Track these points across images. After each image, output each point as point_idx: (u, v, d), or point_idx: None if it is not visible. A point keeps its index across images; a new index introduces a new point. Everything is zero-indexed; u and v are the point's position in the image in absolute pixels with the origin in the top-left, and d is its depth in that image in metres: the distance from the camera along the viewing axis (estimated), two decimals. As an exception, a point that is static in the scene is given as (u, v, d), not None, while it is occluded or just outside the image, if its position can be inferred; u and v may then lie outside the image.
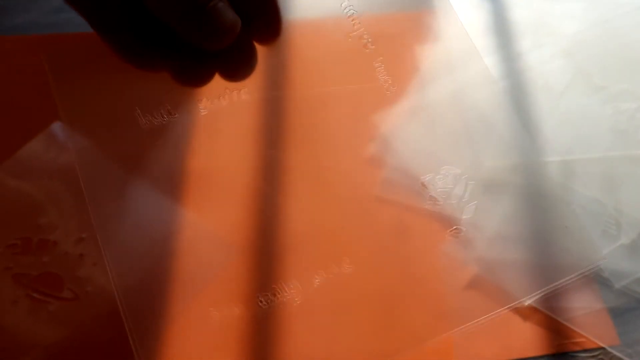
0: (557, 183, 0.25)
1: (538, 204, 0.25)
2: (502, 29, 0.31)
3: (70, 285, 0.22)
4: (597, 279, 0.24)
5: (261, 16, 0.22)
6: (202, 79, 0.23)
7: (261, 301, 0.21)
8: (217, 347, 0.21)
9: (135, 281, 0.20)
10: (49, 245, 0.23)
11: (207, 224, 0.22)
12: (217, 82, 0.23)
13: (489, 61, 0.29)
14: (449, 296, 0.24)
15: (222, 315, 0.21)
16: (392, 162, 0.27)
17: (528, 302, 0.23)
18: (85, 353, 0.21)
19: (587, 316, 0.23)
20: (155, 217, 0.22)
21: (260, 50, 0.24)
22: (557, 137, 0.26)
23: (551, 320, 0.23)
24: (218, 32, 0.19)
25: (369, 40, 0.30)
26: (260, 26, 0.23)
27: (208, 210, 0.22)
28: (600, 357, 0.23)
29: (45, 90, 0.23)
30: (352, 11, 0.29)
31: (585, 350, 0.23)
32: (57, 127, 0.26)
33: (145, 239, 0.21)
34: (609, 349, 0.23)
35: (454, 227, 0.26)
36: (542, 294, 0.23)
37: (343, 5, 0.29)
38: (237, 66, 0.23)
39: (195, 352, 0.20)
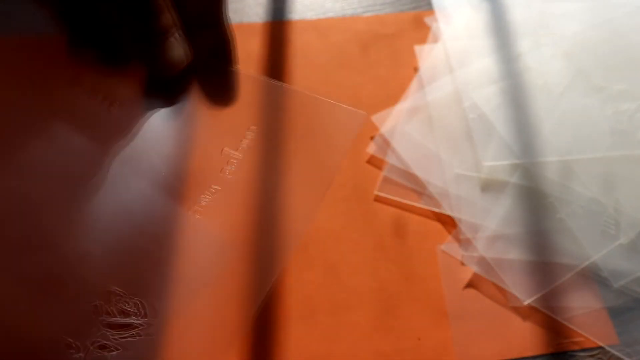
0: (557, 183, 0.25)
1: (538, 204, 0.25)
2: (502, 29, 0.31)
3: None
4: (596, 279, 0.24)
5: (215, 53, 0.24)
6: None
7: None
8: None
9: None
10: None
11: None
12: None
13: (489, 61, 0.29)
14: (449, 296, 0.24)
15: None
16: (392, 162, 0.27)
17: (527, 301, 0.23)
18: None
19: (586, 315, 0.23)
20: None
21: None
22: (556, 137, 0.26)
23: (550, 320, 0.23)
24: (165, 67, 0.22)
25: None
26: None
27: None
28: (599, 356, 0.23)
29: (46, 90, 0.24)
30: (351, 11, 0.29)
31: (584, 350, 0.23)
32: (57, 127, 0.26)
33: None
34: (608, 348, 0.23)
35: (454, 227, 0.26)
36: (541, 293, 0.24)
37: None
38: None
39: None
